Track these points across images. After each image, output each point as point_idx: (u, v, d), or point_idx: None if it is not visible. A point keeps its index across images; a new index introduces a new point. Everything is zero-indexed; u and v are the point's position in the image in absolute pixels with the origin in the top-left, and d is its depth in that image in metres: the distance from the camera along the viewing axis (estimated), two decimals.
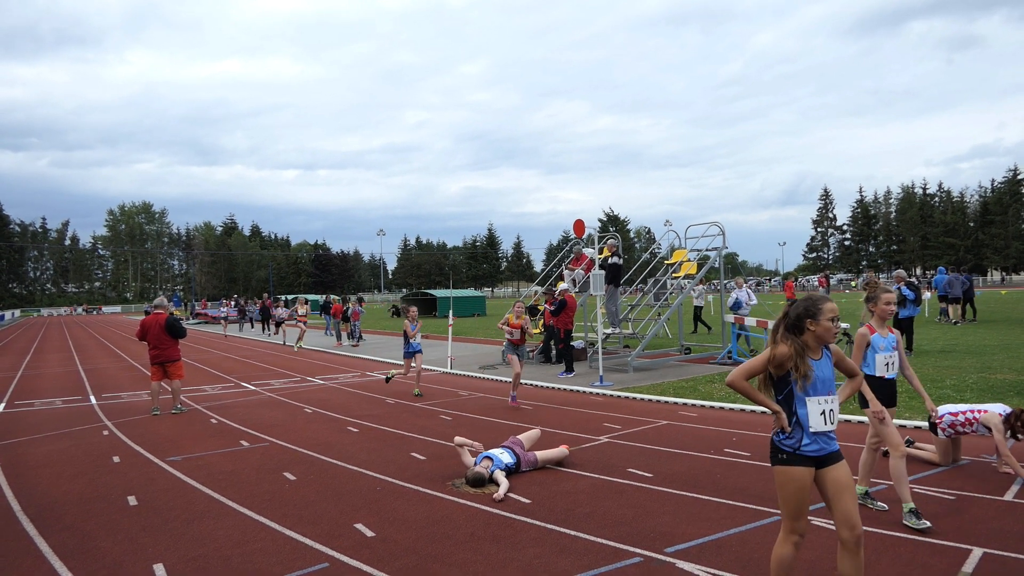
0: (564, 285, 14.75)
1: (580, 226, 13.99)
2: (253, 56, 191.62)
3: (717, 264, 15.13)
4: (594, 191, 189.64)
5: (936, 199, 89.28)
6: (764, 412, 8.24)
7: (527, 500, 5.30)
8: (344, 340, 22.90)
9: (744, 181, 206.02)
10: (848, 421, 7.60)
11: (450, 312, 16.24)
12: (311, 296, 57.08)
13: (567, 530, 4.59)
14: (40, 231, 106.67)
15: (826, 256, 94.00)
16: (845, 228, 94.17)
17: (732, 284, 16.09)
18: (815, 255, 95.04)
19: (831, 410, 3.11)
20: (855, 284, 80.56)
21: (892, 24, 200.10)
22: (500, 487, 5.45)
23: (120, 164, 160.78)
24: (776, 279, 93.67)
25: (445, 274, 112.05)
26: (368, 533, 4.66)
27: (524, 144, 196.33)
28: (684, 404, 9.25)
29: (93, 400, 11.84)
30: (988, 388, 9.08)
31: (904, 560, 3.91)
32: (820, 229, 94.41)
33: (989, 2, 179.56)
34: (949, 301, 20.97)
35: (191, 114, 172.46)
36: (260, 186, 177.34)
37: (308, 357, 19.11)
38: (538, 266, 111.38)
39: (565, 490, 5.53)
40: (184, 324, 11.44)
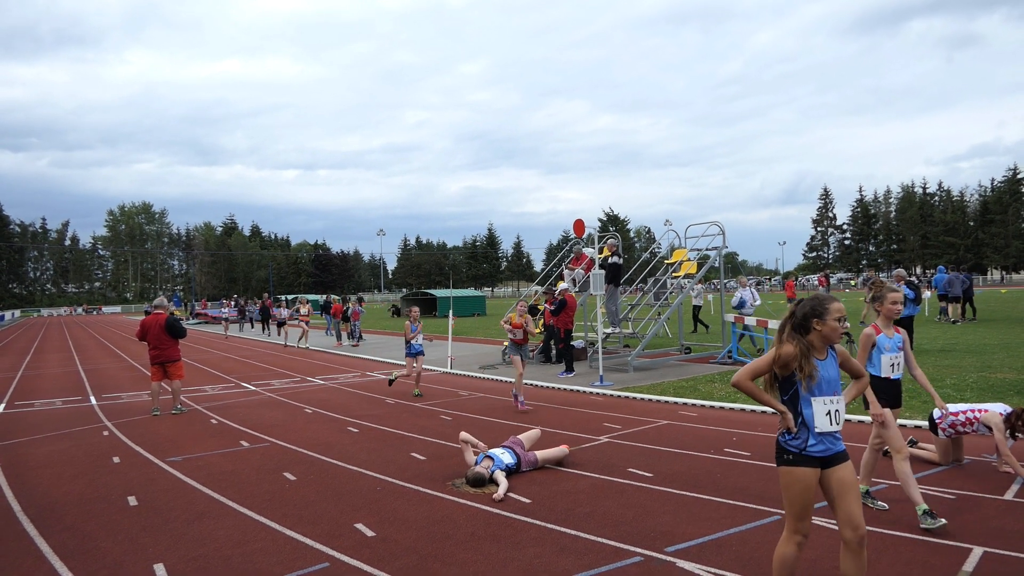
0: (564, 285, 14.75)
1: (580, 226, 13.99)
2: (253, 56, 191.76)
3: (717, 263, 15.13)
4: (594, 191, 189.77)
5: (936, 198, 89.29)
6: (765, 412, 8.24)
7: (527, 500, 5.30)
8: (344, 340, 22.92)
9: (744, 180, 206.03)
10: (849, 420, 7.60)
11: (450, 312, 16.25)
12: (311, 296, 57.10)
13: (567, 530, 4.59)
14: (40, 231, 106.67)
15: (826, 255, 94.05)
16: (845, 227, 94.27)
17: (735, 283, 16.03)
18: (815, 254, 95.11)
19: (837, 410, 3.11)
20: (855, 283, 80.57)
21: (892, 23, 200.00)
22: (500, 487, 5.45)
23: (120, 164, 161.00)
24: (776, 278, 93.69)
25: (445, 274, 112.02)
26: (368, 533, 4.66)
27: (524, 144, 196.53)
28: (684, 404, 9.26)
29: (93, 400, 11.84)
30: (988, 387, 9.08)
31: (904, 559, 3.92)
32: (820, 228, 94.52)
33: (989, 1, 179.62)
34: (949, 300, 20.98)
35: (191, 114, 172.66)
36: (260, 186, 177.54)
37: (308, 357, 19.12)
38: (538, 266, 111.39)
39: (565, 490, 5.54)
40: (184, 324, 11.44)
